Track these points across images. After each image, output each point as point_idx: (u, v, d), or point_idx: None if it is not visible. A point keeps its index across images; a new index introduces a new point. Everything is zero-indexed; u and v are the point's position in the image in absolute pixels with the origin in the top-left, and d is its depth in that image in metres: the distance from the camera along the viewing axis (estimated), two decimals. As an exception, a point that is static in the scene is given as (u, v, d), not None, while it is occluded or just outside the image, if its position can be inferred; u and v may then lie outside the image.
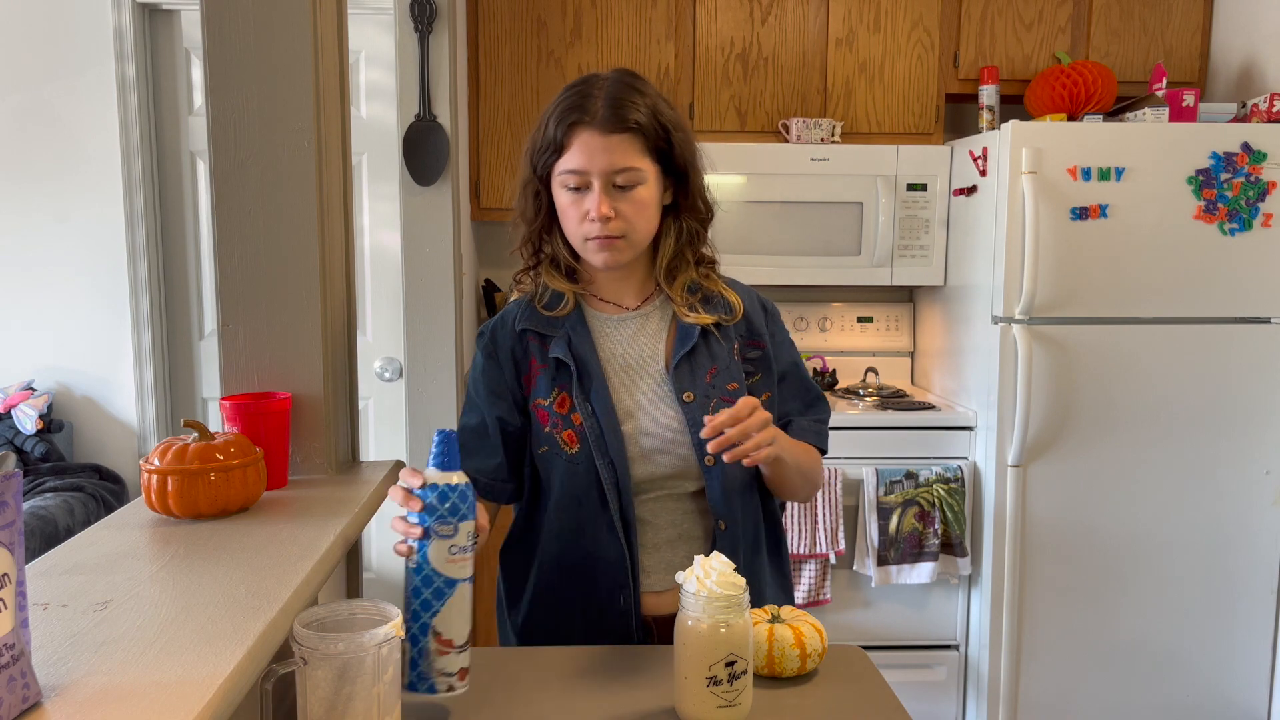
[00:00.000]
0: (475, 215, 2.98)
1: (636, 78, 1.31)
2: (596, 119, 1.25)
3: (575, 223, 1.29)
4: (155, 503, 1.09)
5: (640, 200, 1.28)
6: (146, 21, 3.04)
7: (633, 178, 1.26)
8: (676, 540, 1.34)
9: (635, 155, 1.26)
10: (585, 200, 1.27)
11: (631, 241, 1.29)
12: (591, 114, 1.25)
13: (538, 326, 1.35)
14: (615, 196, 1.26)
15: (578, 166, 1.26)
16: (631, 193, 1.27)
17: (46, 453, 2.95)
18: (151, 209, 3.08)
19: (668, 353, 1.34)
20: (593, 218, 1.26)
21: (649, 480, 1.32)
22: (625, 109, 1.25)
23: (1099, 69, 2.74)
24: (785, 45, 2.95)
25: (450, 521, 0.96)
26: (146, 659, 0.75)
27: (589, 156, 1.25)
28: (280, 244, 1.29)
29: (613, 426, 1.29)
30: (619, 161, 1.25)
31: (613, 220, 1.26)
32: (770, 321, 1.41)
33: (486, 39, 2.89)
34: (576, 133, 1.26)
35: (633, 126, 1.25)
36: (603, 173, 1.25)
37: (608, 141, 1.25)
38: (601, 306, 1.38)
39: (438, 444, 0.98)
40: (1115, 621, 2.63)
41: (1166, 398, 2.57)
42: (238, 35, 1.26)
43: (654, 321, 1.37)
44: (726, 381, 1.32)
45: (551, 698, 1.08)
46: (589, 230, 1.27)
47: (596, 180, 1.25)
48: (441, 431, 0.98)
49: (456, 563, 0.97)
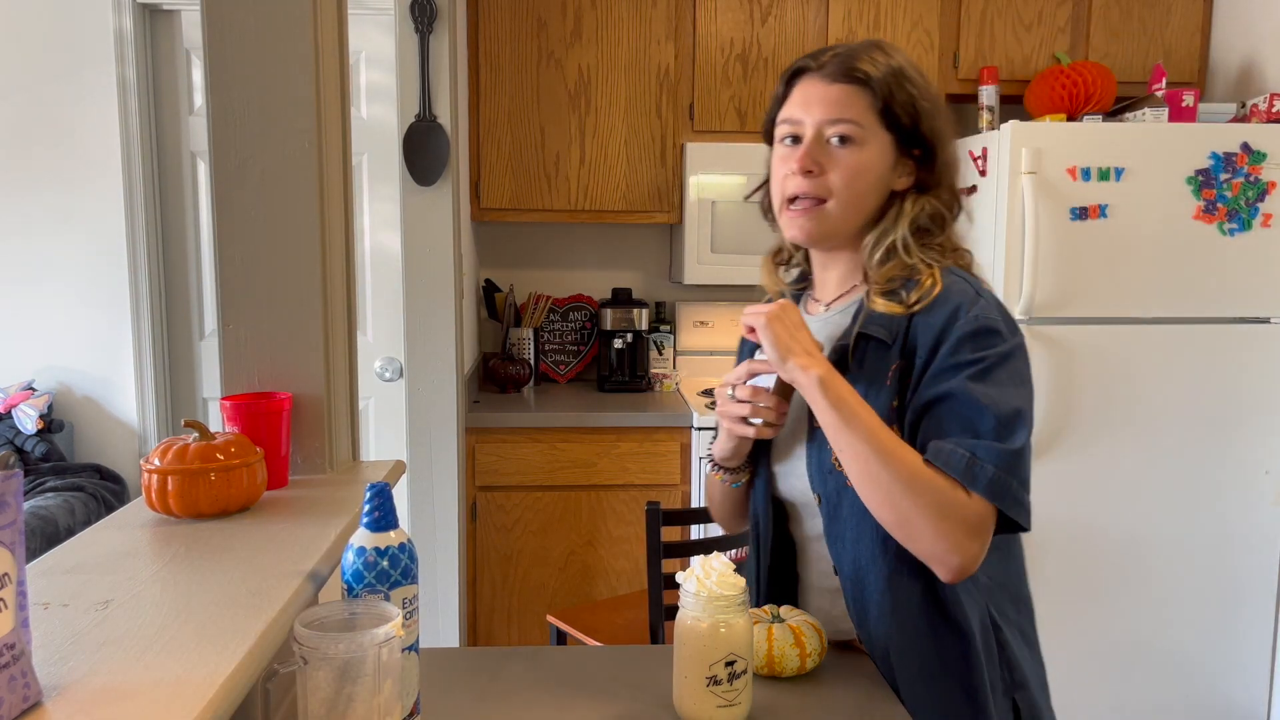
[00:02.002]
0: (475, 215, 2.98)
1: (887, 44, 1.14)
2: (824, 68, 1.11)
3: (779, 180, 1.14)
4: (156, 502, 1.09)
5: (855, 164, 1.10)
6: (147, 22, 3.04)
7: (851, 132, 1.09)
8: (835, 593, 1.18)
9: (858, 109, 1.09)
10: (795, 155, 1.12)
11: (834, 212, 1.11)
12: (820, 63, 1.12)
13: None
14: (826, 153, 1.10)
15: (793, 115, 1.12)
16: (846, 150, 1.10)
17: (47, 453, 2.95)
18: (151, 209, 3.09)
19: None
20: (793, 170, 1.11)
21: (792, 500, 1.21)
22: (857, 60, 1.10)
23: (1099, 69, 2.74)
24: (785, 45, 2.95)
25: (379, 590, 0.88)
26: (147, 659, 0.75)
27: (805, 105, 1.11)
28: (280, 244, 1.29)
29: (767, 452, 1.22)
30: (835, 111, 1.09)
31: (816, 176, 1.10)
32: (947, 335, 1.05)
33: (486, 39, 2.90)
34: (799, 81, 1.14)
35: (859, 77, 1.09)
36: (817, 122, 1.10)
37: (828, 90, 1.10)
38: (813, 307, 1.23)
39: (369, 500, 0.89)
40: (1115, 621, 2.63)
41: (1166, 398, 2.57)
42: (238, 35, 1.26)
43: (834, 325, 1.17)
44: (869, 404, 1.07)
45: (552, 698, 1.08)
46: (789, 186, 1.12)
47: (809, 130, 1.11)
48: (373, 486, 0.89)
49: None
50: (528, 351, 3.16)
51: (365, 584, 0.88)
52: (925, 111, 1.11)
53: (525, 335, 3.16)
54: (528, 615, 2.83)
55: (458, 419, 2.67)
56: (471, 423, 2.75)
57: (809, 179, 1.11)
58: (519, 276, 3.33)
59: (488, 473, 2.77)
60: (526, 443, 2.76)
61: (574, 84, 2.92)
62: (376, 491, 0.90)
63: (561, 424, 2.76)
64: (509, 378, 3.08)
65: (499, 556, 2.80)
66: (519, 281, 3.32)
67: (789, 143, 1.14)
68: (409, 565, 0.90)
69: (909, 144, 1.12)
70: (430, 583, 2.67)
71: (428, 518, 2.68)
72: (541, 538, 2.80)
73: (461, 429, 2.70)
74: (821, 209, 1.12)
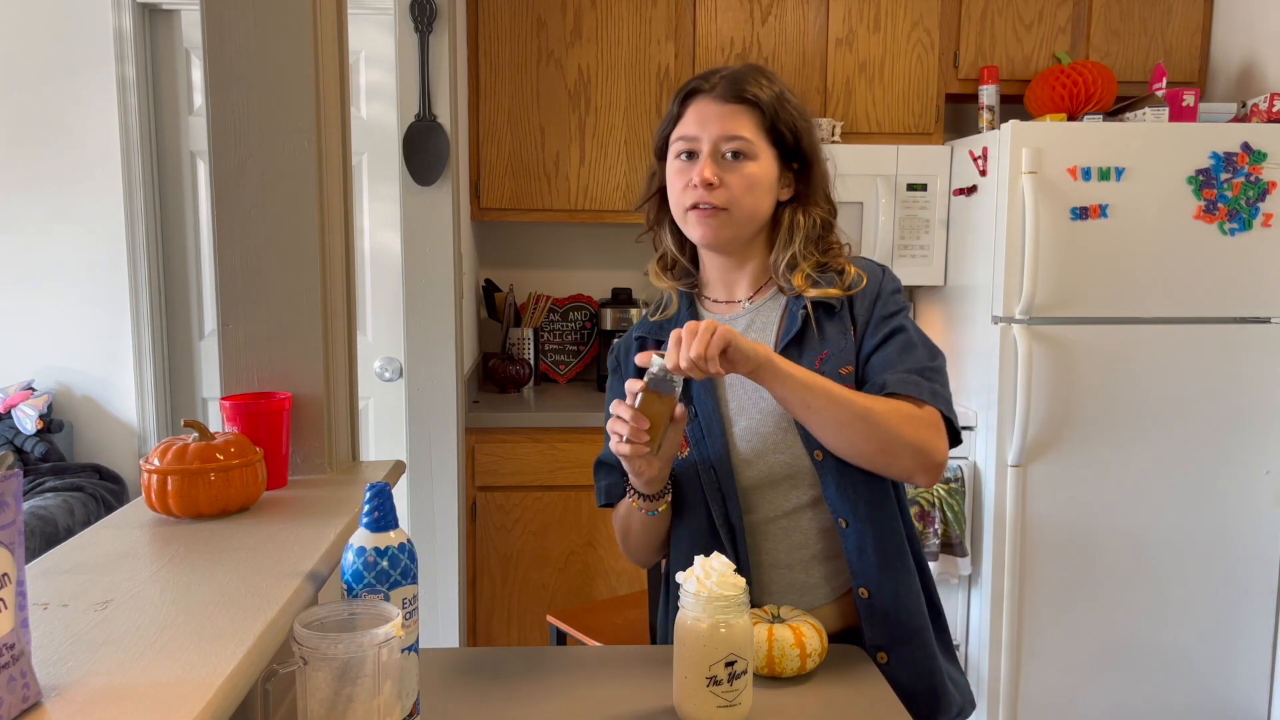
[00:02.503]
0: (475, 215, 2.98)
1: (767, 69, 1.28)
2: (715, 90, 1.24)
3: (679, 191, 1.25)
4: (155, 503, 1.09)
5: (749, 175, 1.23)
6: (146, 22, 3.04)
7: (744, 148, 1.22)
8: (810, 560, 1.26)
9: (749, 128, 1.23)
10: (692, 169, 1.24)
11: (735, 218, 1.24)
12: (711, 85, 1.24)
13: (651, 333, 1.34)
14: (724, 166, 1.23)
15: (689, 133, 1.24)
16: (741, 165, 1.23)
17: (46, 453, 2.95)
18: (151, 209, 3.09)
19: (777, 341, 1.28)
20: (695, 183, 1.22)
21: (761, 485, 1.26)
22: (746, 83, 1.23)
23: (1099, 69, 2.74)
24: (785, 45, 2.95)
25: (379, 590, 0.88)
26: (146, 659, 0.75)
27: (701, 123, 1.23)
28: (280, 244, 1.29)
29: (712, 428, 1.25)
30: (730, 129, 1.22)
31: (717, 189, 1.22)
32: (886, 298, 1.29)
33: (486, 39, 2.89)
34: (692, 101, 1.25)
35: (749, 99, 1.23)
36: (713, 138, 1.22)
37: (722, 109, 1.23)
38: (713, 306, 1.34)
39: (368, 500, 0.90)
40: (1115, 621, 2.63)
41: (1166, 398, 2.57)
42: (238, 35, 1.25)
43: (766, 313, 1.31)
44: (839, 365, 1.23)
45: (552, 698, 1.08)
46: (690, 197, 1.24)
47: (705, 145, 1.22)
48: (373, 486, 0.90)
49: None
50: (528, 351, 3.16)
51: (365, 584, 0.88)
52: (804, 130, 1.27)
53: (525, 335, 3.16)
54: (528, 615, 2.83)
55: (457, 419, 2.66)
56: (471, 423, 2.75)
57: (710, 190, 1.22)
58: (519, 276, 3.33)
59: (487, 473, 2.76)
60: (526, 443, 2.76)
61: (574, 84, 2.92)
62: (376, 492, 0.90)
63: (561, 424, 2.76)
64: (509, 378, 3.08)
65: (499, 557, 2.80)
66: (519, 281, 3.32)
67: (684, 158, 1.25)
68: (409, 565, 0.90)
69: (789, 159, 1.27)
70: (430, 583, 2.67)
71: (427, 518, 2.68)
72: (541, 538, 2.80)
73: (461, 429, 2.70)
74: (725, 214, 1.23)
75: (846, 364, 1.23)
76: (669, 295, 1.36)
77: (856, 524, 1.23)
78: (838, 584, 1.28)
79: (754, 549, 1.27)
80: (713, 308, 1.34)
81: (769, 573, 1.28)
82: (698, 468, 1.26)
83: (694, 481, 1.27)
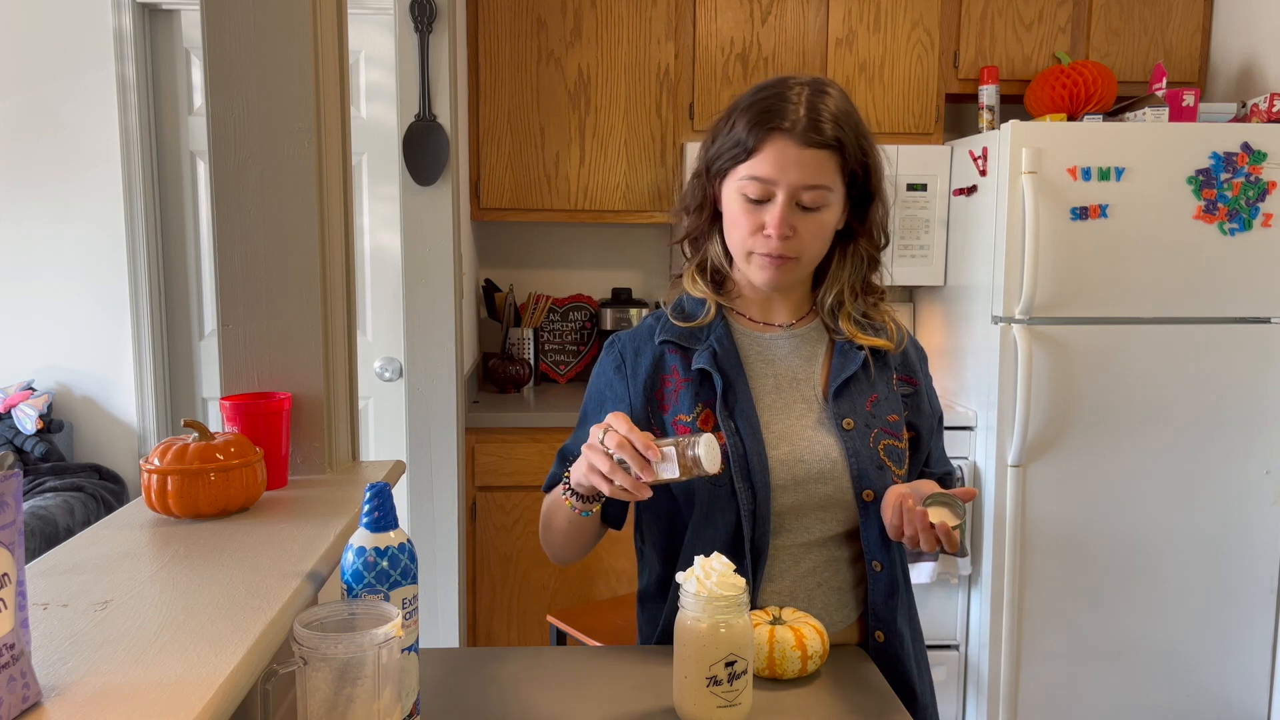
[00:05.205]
0: (475, 215, 2.98)
1: (836, 86, 1.21)
2: (796, 130, 1.14)
3: (745, 233, 1.19)
4: (155, 503, 1.09)
5: (822, 223, 1.19)
6: (146, 22, 3.04)
7: (820, 199, 1.17)
8: (815, 589, 1.24)
9: (830, 174, 1.16)
10: (763, 212, 1.17)
11: (801, 264, 1.21)
12: (792, 122, 1.15)
13: (678, 338, 1.26)
14: (796, 215, 1.17)
15: (766, 175, 1.16)
16: (815, 214, 1.18)
17: (46, 453, 2.95)
18: (151, 209, 3.09)
19: (824, 376, 1.26)
20: (769, 233, 1.17)
21: (795, 511, 1.22)
22: (827, 123, 1.15)
23: (1099, 69, 2.74)
24: (785, 45, 2.95)
25: (379, 590, 0.88)
26: (146, 659, 0.75)
27: (781, 167, 1.15)
28: (280, 244, 1.29)
29: (758, 449, 1.19)
30: (811, 178, 1.15)
31: (790, 240, 1.17)
32: (922, 364, 1.34)
33: (486, 39, 2.89)
34: (772, 139, 1.15)
35: (833, 144, 1.15)
36: (791, 186, 1.15)
37: (803, 155, 1.15)
38: (747, 324, 1.29)
39: (368, 500, 0.89)
40: (1115, 621, 2.63)
41: (1166, 398, 2.57)
42: (238, 35, 1.25)
43: (810, 344, 1.29)
44: (887, 412, 1.25)
45: (552, 698, 1.08)
46: (760, 245, 1.18)
47: (782, 193, 1.16)
48: (373, 486, 0.90)
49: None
50: (527, 351, 3.16)
51: (365, 584, 0.88)
52: (875, 167, 1.22)
53: (525, 335, 3.16)
54: (528, 615, 2.83)
55: (457, 419, 2.66)
56: (471, 423, 2.75)
57: (784, 242, 1.18)
58: (519, 276, 3.33)
59: (487, 473, 2.76)
60: (526, 443, 2.76)
61: (574, 84, 2.92)
62: (376, 491, 0.90)
63: (562, 424, 2.76)
64: (509, 378, 3.08)
65: (499, 556, 2.80)
66: (519, 281, 3.32)
67: (755, 200, 1.18)
68: (409, 565, 0.90)
69: (852, 188, 1.22)
70: (430, 583, 2.67)
71: (427, 518, 2.68)
72: (541, 538, 2.79)
73: (461, 429, 2.70)
74: (793, 263, 1.20)
75: (893, 411, 1.26)
76: (693, 300, 1.29)
77: (889, 569, 1.24)
78: (839, 618, 1.26)
79: (767, 573, 1.23)
80: (750, 327, 1.29)
81: (773, 599, 1.24)
82: (734, 486, 1.19)
83: (723, 498, 1.20)
